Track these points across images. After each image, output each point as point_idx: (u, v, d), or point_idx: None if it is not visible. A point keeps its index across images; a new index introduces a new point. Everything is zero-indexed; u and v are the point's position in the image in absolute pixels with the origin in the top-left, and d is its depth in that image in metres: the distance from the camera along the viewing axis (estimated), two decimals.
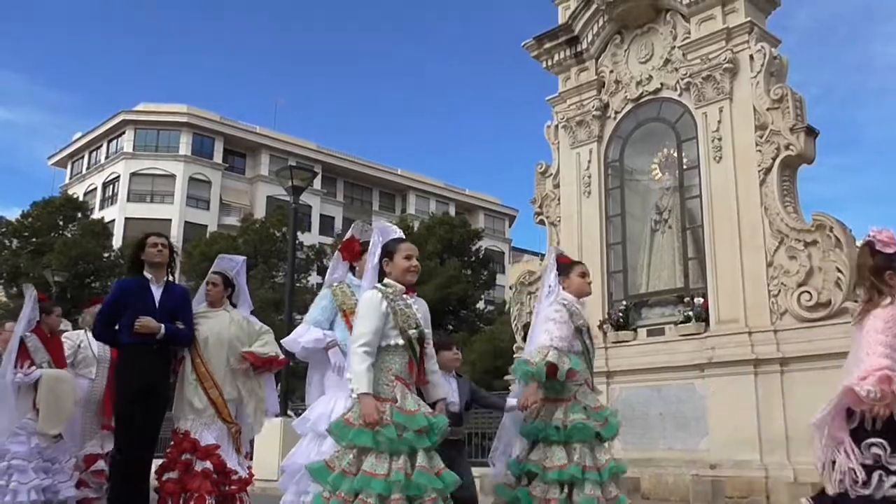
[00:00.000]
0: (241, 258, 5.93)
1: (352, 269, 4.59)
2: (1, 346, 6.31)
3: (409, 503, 3.40)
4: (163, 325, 5.14)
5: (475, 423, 14.58)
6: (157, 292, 5.28)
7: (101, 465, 6.07)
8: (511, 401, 4.63)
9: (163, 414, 5.34)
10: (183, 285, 5.94)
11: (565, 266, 4.94)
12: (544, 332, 4.55)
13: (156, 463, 5.28)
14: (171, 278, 5.57)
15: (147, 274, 5.35)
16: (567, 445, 4.42)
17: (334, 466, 3.52)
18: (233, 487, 5.25)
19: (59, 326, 6.30)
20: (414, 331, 3.71)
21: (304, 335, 4.32)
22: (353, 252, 4.55)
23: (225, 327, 5.45)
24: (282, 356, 5.72)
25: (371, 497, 3.34)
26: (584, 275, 4.89)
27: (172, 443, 5.22)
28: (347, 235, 4.64)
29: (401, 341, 3.67)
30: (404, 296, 3.80)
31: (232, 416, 5.37)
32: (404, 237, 3.99)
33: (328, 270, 4.66)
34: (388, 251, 3.85)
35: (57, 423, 5.84)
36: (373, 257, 3.87)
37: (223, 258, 5.87)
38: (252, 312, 5.86)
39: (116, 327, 5.26)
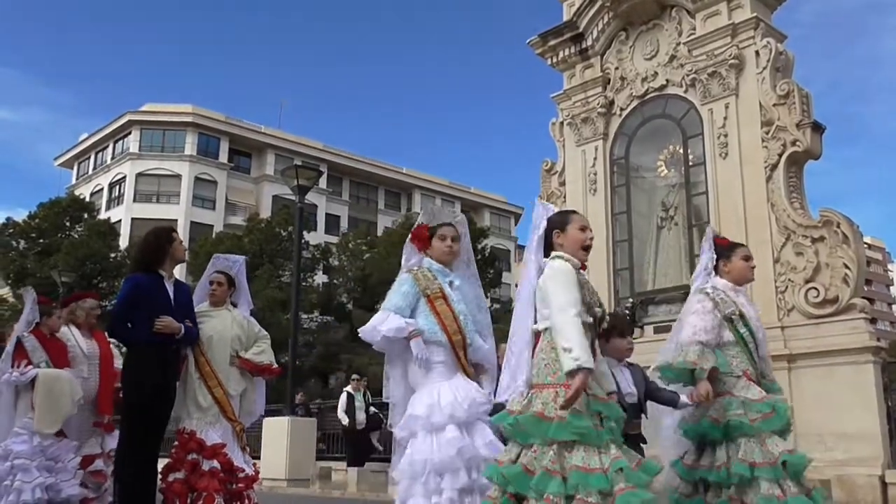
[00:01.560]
0: (241, 258, 5.91)
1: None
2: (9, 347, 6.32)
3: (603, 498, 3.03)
4: (182, 326, 5.09)
5: None
6: (170, 290, 5.21)
7: (98, 465, 6.04)
8: (685, 397, 4.26)
9: (170, 412, 5.32)
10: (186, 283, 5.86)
11: (725, 248, 4.54)
12: (687, 325, 4.25)
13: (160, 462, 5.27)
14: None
15: (160, 271, 5.22)
16: (728, 443, 4.06)
17: (533, 468, 3.12)
18: (240, 485, 5.25)
19: (59, 328, 6.27)
20: (599, 309, 3.39)
21: (385, 323, 3.93)
22: (422, 239, 4.25)
23: (228, 326, 5.46)
24: (275, 365, 5.73)
25: (592, 496, 2.98)
26: (747, 258, 4.50)
27: (177, 442, 5.20)
28: (417, 222, 4.34)
29: (589, 319, 3.31)
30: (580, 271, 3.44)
31: (236, 414, 5.38)
32: (575, 211, 3.66)
33: (403, 258, 4.33)
34: (558, 222, 3.52)
35: (53, 423, 5.83)
36: (537, 230, 3.54)
37: (219, 258, 5.85)
38: (252, 312, 5.85)
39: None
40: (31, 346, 6.02)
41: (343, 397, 13.90)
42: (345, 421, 13.58)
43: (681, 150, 10.11)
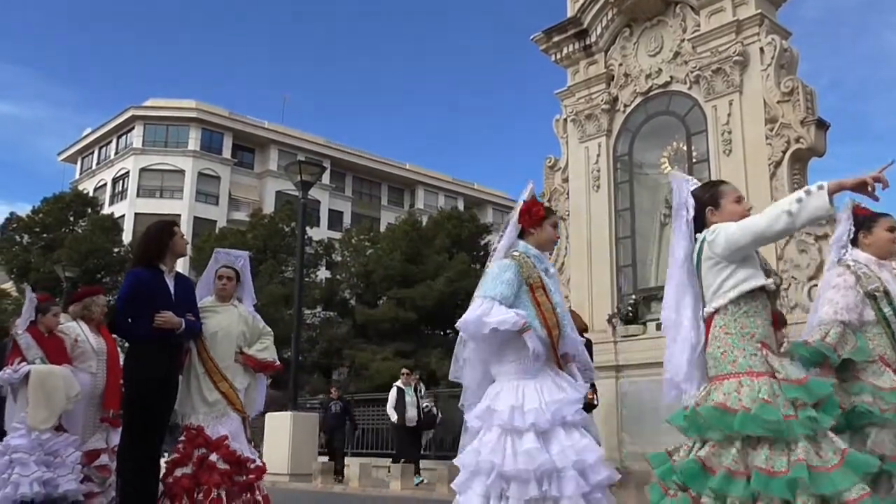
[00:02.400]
0: (245, 253, 5.87)
1: (520, 235, 3.92)
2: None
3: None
4: (183, 320, 5.03)
5: None
6: (170, 284, 5.15)
7: (103, 459, 6.06)
8: None
9: (172, 407, 5.27)
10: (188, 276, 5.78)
11: (867, 219, 4.08)
12: (827, 301, 3.85)
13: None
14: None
15: (161, 265, 5.16)
16: (852, 433, 3.57)
17: (713, 466, 2.78)
18: (251, 476, 5.22)
19: (56, 326, 6.28)
20: (776, 278, 3.08)
21: (492, 313, 3.54)
22: (535, 218, 3.89)
23: (234, 323, 5.43)
24: (277, 362, 5.71)
25: (774, 503, 2.64)
26: (892, 229, 4.03)
27: (184, 438, 5.17)
28: (528, 196, 3.95)
29: (761, 281, 2.97)
30: None
31: (243, 406, 5.36)
32: (723, 181, 3.33)
33: (504, 235, 3.94)
34: (710, 199, 3.21)
35: (47, 418, 5.84)
36: (683, 210, 3.22)
37: (220, 252, 5.80)
38: (255, 307, 5.84)
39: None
40: (26, 344, 6.06)
41: (392, 392, 12.92)
42: (394, 417, 12.68)
43: (684, 147, 10.10)
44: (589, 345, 7.85)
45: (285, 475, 12.45)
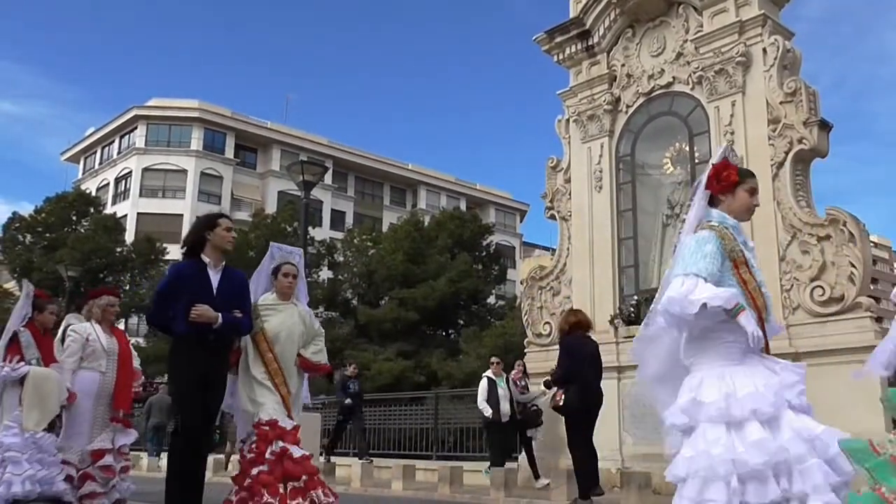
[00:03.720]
0: (299, 249, 5.71)
1: (710, 202, 3.41)
2: None
3: None
4: (220, 315, 4.79)
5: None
6: (214, 278, 4.95)
7: (108, 460, 6.03)
8: None
9: (219, 404, 5.10)
10: (240, 271, 5.43)
11: None
12: None
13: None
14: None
15: (205, 258, 4.99)
16: None
17: (884, 450, 2.44)
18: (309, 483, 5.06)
19: (52, 324, 6.25)
20: None
21: (703, 291, 3.01)
22: (726, 183, 3.37)
23: (296, 322, 5.29)
24: (328, 365, 5.58)
25: None
26: None
27: (257, 436, 4.93)
28: (719, 158, 3.43)
29: None
30: None
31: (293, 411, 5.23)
32: None
33: (692, 205, 3.45)
34: None
35: (40, 421, 5.82)
36: None
37: (275, 247, 5.64)
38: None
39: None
40: (26, 342, 6.03)
41: (483, 384, 11.51)
42: (487, 412, 11.25)
43: (687, 148, 10.10)
44: (596, 346, 7.89)
45: None
